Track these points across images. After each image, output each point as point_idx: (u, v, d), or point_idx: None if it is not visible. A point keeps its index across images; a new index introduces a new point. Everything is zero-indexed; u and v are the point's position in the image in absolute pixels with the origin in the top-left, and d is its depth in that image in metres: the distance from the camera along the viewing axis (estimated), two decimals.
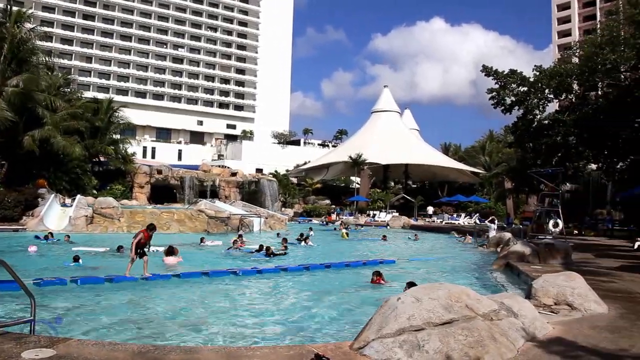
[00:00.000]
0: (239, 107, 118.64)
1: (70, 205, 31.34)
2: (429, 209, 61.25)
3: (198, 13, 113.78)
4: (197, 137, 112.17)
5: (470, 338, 5.67)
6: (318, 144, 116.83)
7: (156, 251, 17.24)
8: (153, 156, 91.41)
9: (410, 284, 9.93)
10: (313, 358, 5.25)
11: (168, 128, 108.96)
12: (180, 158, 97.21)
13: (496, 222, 33.39)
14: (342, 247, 27.42)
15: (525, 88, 33.13)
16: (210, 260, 19.18)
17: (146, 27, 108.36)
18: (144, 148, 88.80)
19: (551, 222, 24.05)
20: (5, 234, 26.06)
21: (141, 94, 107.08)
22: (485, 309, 6.35)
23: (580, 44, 36.45)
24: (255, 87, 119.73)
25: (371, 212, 58.63)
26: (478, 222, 42.56)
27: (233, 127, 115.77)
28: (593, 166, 39.93)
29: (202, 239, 25.14)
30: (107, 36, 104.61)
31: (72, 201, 31.84)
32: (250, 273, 15.77)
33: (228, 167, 66.07)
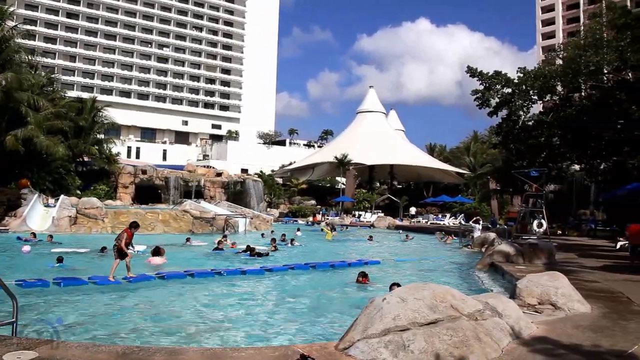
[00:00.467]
0: (225, 107, 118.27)
1: (53, 205, 30.96)
2: (412, 210, 61.35)
3: (183, 12, 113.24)
4: (182, 137, 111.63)
5: (455, 338, 5.68)
6: (304, 145, 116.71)
7: (138, 252, 17.02)
8: (138, 156, 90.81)
9: (394, 285, 9.96)
10: (298, 358, 5.24)
11: (153, 128, 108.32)
12: (165, 158, 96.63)
13: (481, 223, 33.53)
14: (328, 248, 27.40)
15: (509, 89, 33.32)
16: (195, 261, 19.08)
17: (131, 26, 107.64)
18: (129, 148, 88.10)
19: (535, 223, 24.20)
20: None
21: (126, 94, 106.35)
22: (470, 309, 6.37)
23: (563, 46, 36.79)
24: (240, 87, 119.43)
25: (357, 213, 58.70)
26: (463, 223, 42.73)
27: (218, 127, 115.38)
28: (576, 167, 40.32)
29: (188, 239, 25.14)
30: (91, 35, 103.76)
31: (56, 201, 31.45)
32: (235, 273, 15.72)
33: (213, 168, 65.85)
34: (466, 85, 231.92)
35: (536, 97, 33.86)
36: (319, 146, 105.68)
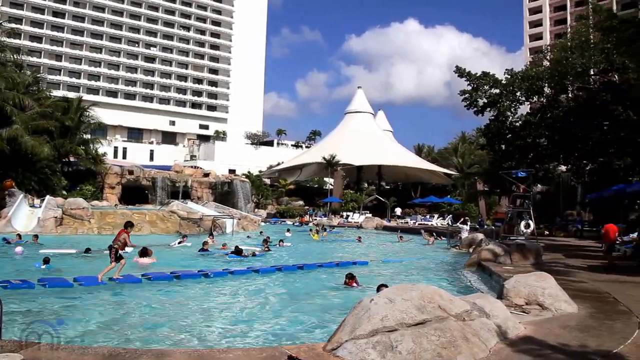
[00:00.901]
0: (212, 108, 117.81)
1: (39, 206, 30.64)
2: (397, 210, 61.41)
3: (171, 12, 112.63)
4: (170, 138, 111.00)
5: (443, 338, 5.69)
6: (291, 145, 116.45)
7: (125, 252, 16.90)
8: (124, 156, 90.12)
9: (381, 287, 9.93)
10: (286, 359, 5.22)
11: (140, 128, 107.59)
12: (152, 158, 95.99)
13: (469, 223, 33.67)
14: (317, 249, 27.41)
15: (497, 90, 33.51)
16: (182, 261, 18.99)
17: (118, 26, 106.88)
18: (115, 148, 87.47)
19: (523, 223, 24.31)
20: None
21: (112, 93, 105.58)
22: (457, 310, 6.38)
23: (551, 48, 37.04)
24: (228, 87, 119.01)
25: (344, 213, 58.73)
26: (451, 224, 42.86)
27: (206, 128, 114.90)
28: (563, 168, 40.60)
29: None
30: (78, 34, 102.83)
31: (41, 202, 31.14)
32: (221, 275, 15.67)
33: (200, 168, 65.59)
34: (454, 86, 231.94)
35: (523, 98, 34.07)
36: (307, 147, 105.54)
